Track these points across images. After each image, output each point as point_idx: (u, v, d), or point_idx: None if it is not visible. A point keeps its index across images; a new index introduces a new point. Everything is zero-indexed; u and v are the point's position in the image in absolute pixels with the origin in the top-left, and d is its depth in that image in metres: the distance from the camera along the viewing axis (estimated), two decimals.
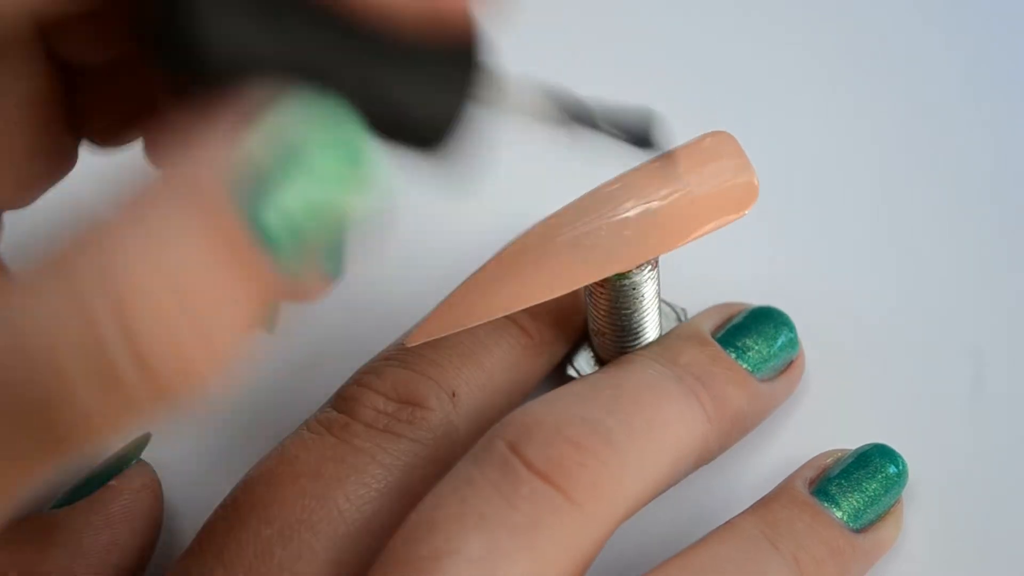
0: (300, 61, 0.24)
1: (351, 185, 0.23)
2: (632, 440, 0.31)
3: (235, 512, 0.32)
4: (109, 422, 0.23)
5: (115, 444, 0.23)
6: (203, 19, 0.23)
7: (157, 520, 0.35)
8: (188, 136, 0.22)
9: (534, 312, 0.36)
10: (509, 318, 0.36)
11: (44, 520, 0.34)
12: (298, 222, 0.23)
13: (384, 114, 0.25)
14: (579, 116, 0.28)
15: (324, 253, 0.24)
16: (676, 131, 0.34)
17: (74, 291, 0.21)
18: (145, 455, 0.35)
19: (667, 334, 0.36)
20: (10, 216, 0.29)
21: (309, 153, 0.23)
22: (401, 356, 0.35)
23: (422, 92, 0.25)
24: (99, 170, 0.27)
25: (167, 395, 0.22)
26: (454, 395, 0.34)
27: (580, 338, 0.37)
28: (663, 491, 0.32)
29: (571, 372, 0.37)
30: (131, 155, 0.29)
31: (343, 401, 0.34)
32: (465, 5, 0.24)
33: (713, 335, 0.36)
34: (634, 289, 0.35)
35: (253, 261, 0.22)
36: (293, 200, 0.23)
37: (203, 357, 0.22)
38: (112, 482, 0.34)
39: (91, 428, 0.23)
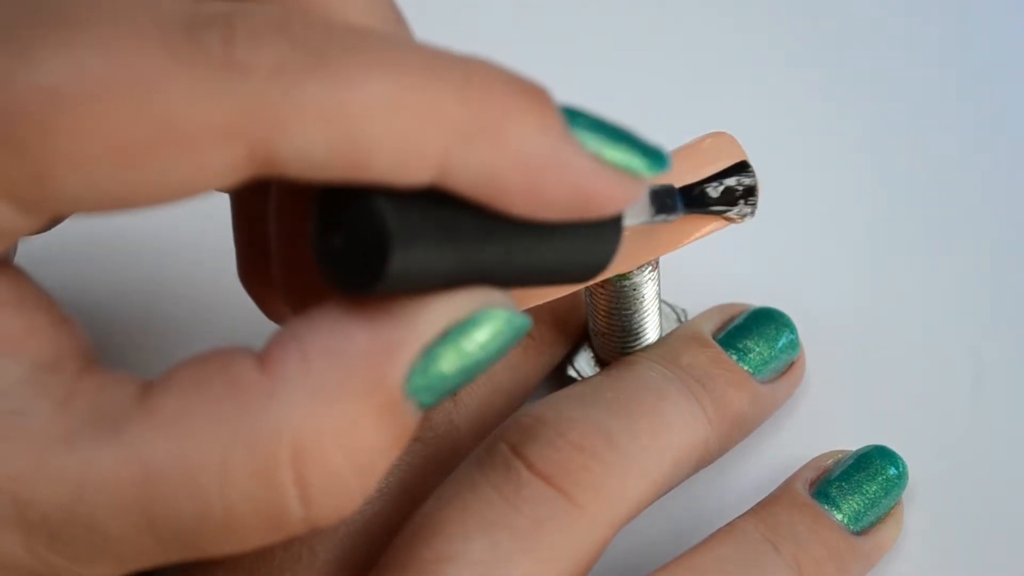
0: (467, 269, 0.25)
1: (505, 350, 0.26)
2: (634, 442, 0.31)
3: None
4: (258, 542, 0.25)
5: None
6: (394, 257, 0.24)
7: None
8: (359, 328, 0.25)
9: (535, 312, 0.36)
10: None
11: None
12: (451, 387, 0.26)
13: (546, 276, 0.27)
14: (670, 205, 0.31)
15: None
16: (676, 131, 0.34)
17: (251, 437, 0.24)
18: None
19: (668, 335, 0.36)
20: None
21: (473, 338, 0.25)
22: None
23: (580, 250, 0.27)
24: None
25: (319, 524, 0.25)
26: (455, 394, 0.34)
27: (580, 338, 0.37)
28: (664, 493, 0.32)
29: (571, 373, 0.37)
30: None
31: None
32: (617, 206, 0.26)
33: (714, 336, 0.36)
34: (634, 290, 0.34)
35: (408, 422, 0.25)
36: (451, 375, 0.25)
37: (359, 497, 0.25)
38: None
39: (237, 544, 0.25)
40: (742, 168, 0.32)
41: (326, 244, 0.25)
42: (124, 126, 0.23)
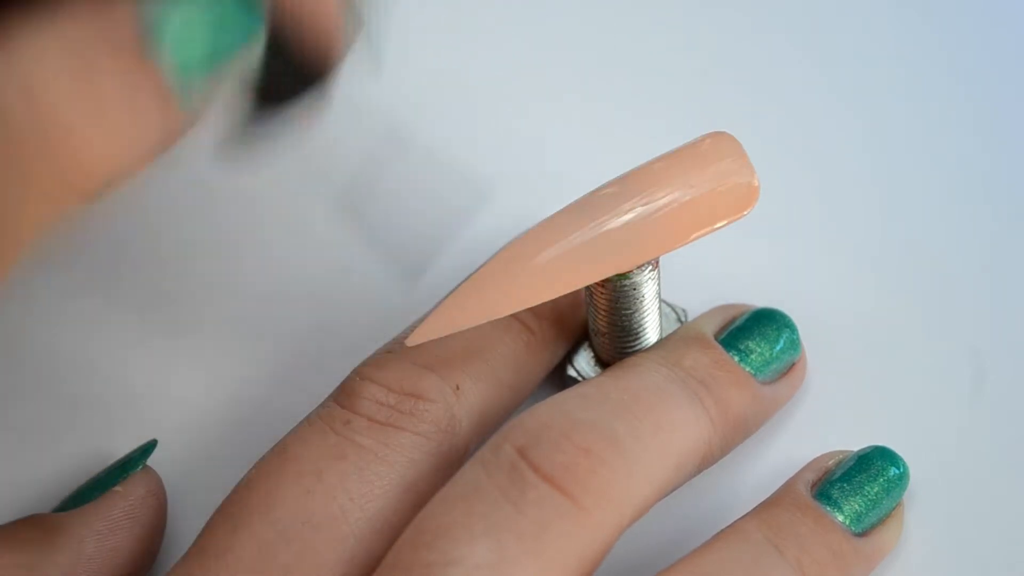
0: None
1: (240, 25, 0.26)
2: (639, 445, 0.31)
3: (237, 512, 0.32)
4: (26, 219, 0.25)
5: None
6: None
7: (160, 526, 0.35)
8: None
9: (537, 309, 0.36)
10: (512, 315, 0.36)
11: (47, 523, 0.34)
12: (197, 49, 0.25)
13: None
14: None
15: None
16: (676, 131, 0.34)
17: None
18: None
19: (670, 336, 0.36)
20: None
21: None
22: (404, 350, 0.35)
23: (285, 68, 0.27)
24: None
25: (75, 191, 0.25)
26: (457, 388, 0.34)
27: (580, 338, 0.37)
28: (667, 494, 0.32)
29: (571, 372, 0.37)
30: None
31: (344, 395, 0.34)
32: (329, 42, 0.27)
33: (715, 337, 0.36)
34: (634, 289, 0.34)
35: (154, 74, 0.25)
36: (188, 32, 0.25)
37: (114, 154, 0.25)
38: (117, 487, 0.34)
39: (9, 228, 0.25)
40: None
41: None
42: None
